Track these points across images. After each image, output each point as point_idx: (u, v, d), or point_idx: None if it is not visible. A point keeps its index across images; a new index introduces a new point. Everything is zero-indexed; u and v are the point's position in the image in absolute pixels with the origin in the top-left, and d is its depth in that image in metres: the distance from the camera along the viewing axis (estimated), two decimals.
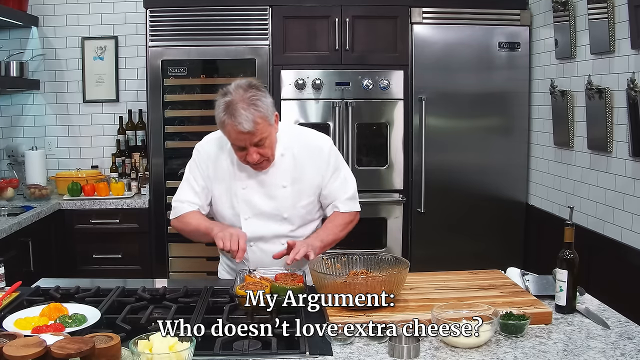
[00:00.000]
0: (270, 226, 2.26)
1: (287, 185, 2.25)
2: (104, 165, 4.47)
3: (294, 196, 2.26)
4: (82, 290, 2.08)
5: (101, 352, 1.39)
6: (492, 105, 3.97)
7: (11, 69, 4.05)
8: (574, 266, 1.90)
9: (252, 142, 2.09)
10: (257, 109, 2.05)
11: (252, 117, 2.03)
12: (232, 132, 2.08)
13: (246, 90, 2.07)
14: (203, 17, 3.87)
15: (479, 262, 2.44)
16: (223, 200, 2.29)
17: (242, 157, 2.16)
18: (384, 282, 1.86)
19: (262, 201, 2.25)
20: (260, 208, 2.25)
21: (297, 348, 1.62)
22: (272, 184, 2.25)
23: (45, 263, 3.63)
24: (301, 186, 2.27)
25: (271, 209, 2.26)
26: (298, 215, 2.29)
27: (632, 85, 2.74)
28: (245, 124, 2.03)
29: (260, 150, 2.13)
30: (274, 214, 2.26)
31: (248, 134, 2.06)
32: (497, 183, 4.02)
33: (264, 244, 2.28)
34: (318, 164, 2.28)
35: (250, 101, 2.05)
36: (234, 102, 2.05)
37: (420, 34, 3.90)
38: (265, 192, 2.25)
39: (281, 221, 2.27)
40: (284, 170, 2.25)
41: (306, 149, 2.29)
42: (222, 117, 2.07)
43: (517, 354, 1.61)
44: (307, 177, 2.27)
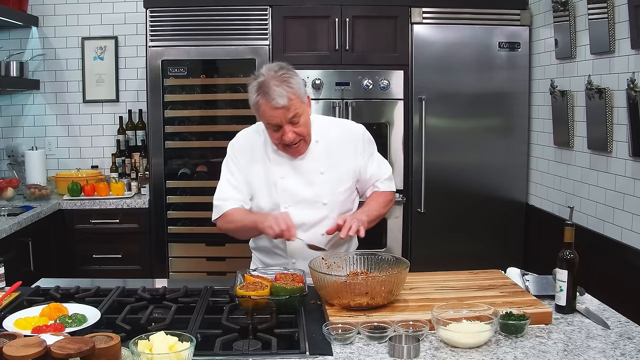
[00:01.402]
0: (311, 213, 2.26)
1: (324, 172, 2.27)
2: (104, 165, 4.47)
3: (332, 182, 2.27)
4: (82, 290, 2.08)
5: (101, 352, 1.39)
6: (492, 105, 3.97)
7: (11, 69, 4.05)
8: (574, 266, 1.90)
9: (287, 119, 2.11)
10: (290, 85, 2.10)
11: (286, 93, 2.07)
12: (267, 109, 2.11)
13: (277, 70, 2.13)
14: (203, 17, 3.87)
15: (479, 262, 2.44)
16: (262, 191, 2.28)
17: (278, 138, 2.17)
18: (384, 282, 1.86)
19: (301, 189, 2.26)
20: (300, 196, 2.26)
21: (297, 348, 1.62)
22: (309, 170, 2.26)
23: (45, 263, 3.63)
24: (338, 172, 2.29)
25: (311, 195, 2.26)
26: (337, 201, 2.29)
27: (632, 85, 2.74)
28: (279, 99, 2.07)
29: (295, 128, 2.14)
30: (314, 200, 2.26)
31: (282, 109, 2.09)
32: (497, 183, 4.02)
33: (303, 234, 2.25)
34: (354, 150, 2.31)
35: (282, 79, 2.10)
36: (267, 81, 2.10)
37: (420, 34, 3.90)
38: (303, 179, 2.26)
39: (321, 208, 2.27)
40: (320, 156, 2.27)
41: (341, 136, 2.32)
42: (256, 98, 2.12)
43: (517, 354, 1.61)
44: (344, 162, 2.29)
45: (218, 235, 3.95)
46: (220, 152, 4.07)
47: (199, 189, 4.02)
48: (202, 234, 4.00)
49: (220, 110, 4.10)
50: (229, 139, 4.03)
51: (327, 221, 2.26)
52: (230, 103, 4.06)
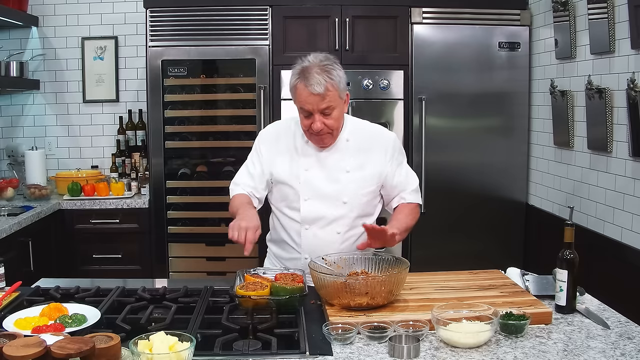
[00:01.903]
0: (329, 210, 2.26)
1: (350, 171, 2.27)
2: (104, 165, 4.47)
3: (357, 182, 2.27)
4: (82, 290, 2.08)
5: (101, 352, 1.39)
6: (492, 105, 3.96)
7: (11, 69, 4.05)
8: (574, 266, 1.90)
9: (320, 108, 2.13)
10: (330, 76, 2.13)
11: (324, 82, 2.11)
12: (303, 93, 2.14)
13: (322, 60, 2.17)
14: (203, 17, 3.87)
15: (479, 262, 2.44)
16: (286, 181, 2.29)
17: (307, 125, 2.19)
18: (384, 282, 1.86)
19: (324, 184, 2.26)
20: (321, 190, 2.26)
21: (297, 348, 1.62)
22: (336, 167, 2.27)
23: (45, 263, 3.63)
24: (364, 173, 2.29)
25: (332, 192, 2.26)
26: (359, 202, 2.29)
27: (632, 85, 2.74)
28: (316, 87, 2.10)
29: (326, 120, 2.16)
30: (335, 197, 2.26)
31: (318, 97, 2.11)
32: (497, 183, 4.02)
33: (318, 230, 2.26)
34: (383, 154, 2.31)
35: (324, 68, 2.14)
36: (309, 67, 2.14)
37: (420, 34, 3.90)
38: (328, 175, 2.27)
39: (341, 206, 2.27)
40: (348, 155, 2.28)
41: (372, 139, 2.33)
42: (295, 81, 2.17)
43: (517, 354, 1.61)
44: (371, 165, 2.29)
45: (218, 235, 4.00)
46: (220, 152, 4.14)
47: (199, 189, 4.02)
48: (202, 234, 4.00)
49: (220, 110, 4.11)
50: (229, 139, 4.09)
51: (345, 220, 2.26)
52: (230, 103, 4.06)
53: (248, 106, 3.96)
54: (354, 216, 2.27)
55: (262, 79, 3.86)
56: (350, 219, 2.27)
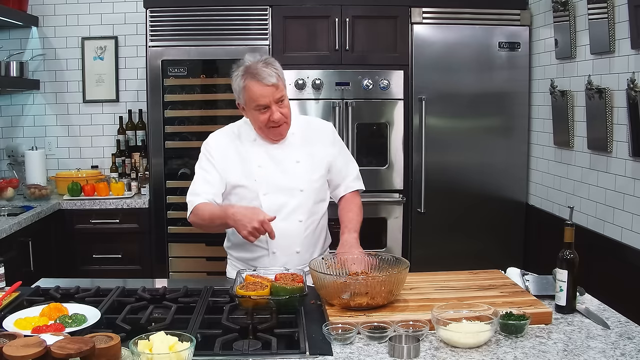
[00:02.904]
0: (288, 200, 2.32)
1: (300, 161, 2.36)
2: (104, 165, 4.47)
3: (308, 170, 2.36)
4: (82, 290, 2.08)
5: (101, 352, 1.39)
6: (492, 105, 3.97)
7: (11, 69, 4.05)
8: (574, 266, 1.90)
9: (276, 98, 2.23)
10: (276, 68, 2.24)
11: (274, 73, 2.21)
12: (257, 89, 2.21)
13: (260, 56, 2.28)
14: (203, 17, 3.87)
15: (479, 262, 2.44)
16: (241, 182, 2.33)
17: (265, 120, 2.25)
18: (384, 282, 1.86)
19: (279, 176, 2.33)
20: (277, 183, 2.32)
21: (297, 348, 1.62)
22: (286, 159, 2.35)
23: (45, 263, 3.63)
24: (313, 161, 2.38)
25: (288, 182, 2.33)
26: (313, 188, 2.37)
27: (632, 85, 2.74)
28: (269, 78, 2.19)
29: (281, 109, 2.25)
30: (291, 187, 2.33)
31: (272, 88, 2.21)
32: (497, 183, 4.02)
33: (281, 222, 2.27)
34: (325, 143, 2.44)
35: (267, 62, 2.24)
36: (253, 65, 2.23)
37: (420, 34, 3.90)
38: (280, 168, 2.34)
39: (298, 195, 2.33)
40: (296, 147, 2.38)
41: (313, 129, 2.46)
42: (244, 82, 2.24)
43: (517, 354, 1.61)
44: (317, 153, 2.40)
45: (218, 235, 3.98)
46: None
47: None
48: (202, 234, 3.98)
49: (220, 110, 4.10)
50: None
51: (304, 208, 2.34)
52: (230, 103, 4.03)
53: None
54: (311, 203, 2.36)
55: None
56: (308, 206, 2.35)
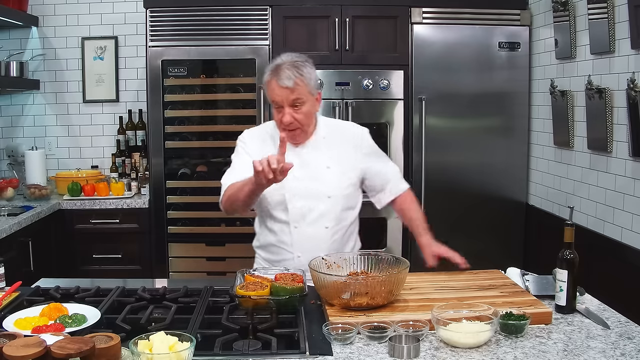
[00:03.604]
0: (316, 205, 2.31)
1: (330, 166, 2.35)
2: (104, 165, 4.47)
3: (338, 176, 2.34)
4: (82, 290, 2.08)
5: (101, 352, 1.39)
6: (492, 105, 3.97)
7: (11, 69, 4.05)
8: (574, 266, 1.90)
9: (289, 100, 2.22)
10: (300, 72, 2.22)
11: (294, 77, 2.20)
12: (274, 87, 2.22)
13: (294, 57, 2.27)
14: (203, 17, 3.87)
15: (479, 262, 2.44)
16: None
17: (279, 119, 2.27)
18: (384, 282, 1.86)
19: (308, 181, 2.32)
20: (305, 188, 2.31)
21: (297, 348, 1.62)
22: (316, 165, 2.34)
23: (45, 263, 3.63)
24: (343, 167, 2.36)
25: (316, 188, 2.32)
26: (342, 195, 2.35)
27: (632, 85, 2.74)
28: (285, 80, 2.19)
29: (295, 113, 2.24)
30: (319, 193, 2.32)
31: (287, 90, 2.20)
32: (497, 183, 4.02)
33: (307, 227, 2.29)
34: (357, 148, 2.41)
35: (294, 64, 2.23)
36: (281, 64, 2.24)
37: (420, 34, 3.90)
38: (309, 173, 2.32)
39: (326, 200, 2.32)
40: (326, 151, 2.36)
41: (346, 134, 2.44)
42: (267, 77, 2.26)
43: (517, 354, 1.61)
44: (349, 159, 2.38)
45: (218, 235, 4.01)
46: (220, 152, 4.14)
47: (199, 189, 4.02)
48: (202, 234, 4.00)
49: (220, 110, 4.11)
50: (229, 139, 4.05)
51: (331, 214, 2.32)
52: (230, 103, 4.06)
53: (248, 106, 3.96)
54: (339, 209, 2.34)
55: (262, 79, 3.85)
56: (336, 212, 2.33)
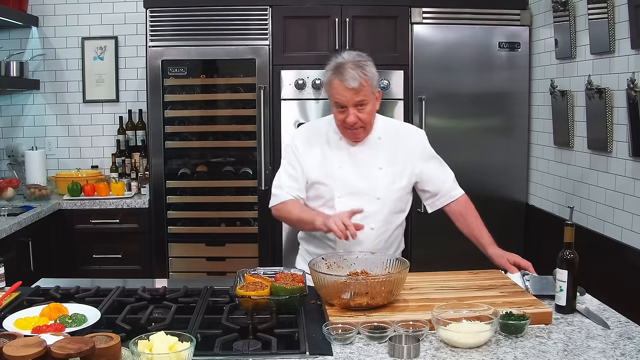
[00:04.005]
0: (363, 206, 2.29)
1: (383, 167, 2.33)
2: (104, 165, 4.47)
3: (389, 178, 2.33)
4: (82, 290, 2.08)
5: (101, 352, 1.39)
6: (492, 105, 3.96)
7: (11, 69, 4.05)
8: (574, 266, 1.90)
9: (354, 102, 2.21)
10: (365, 72, 2.20)
11: (359, 77, 2.18)
12: (338, 88, 2.21)
13: (356, 56, 2.24)
14: (203, 17, 3.87)
15: (479, 262, 2.44)
16: (320, 180, 2.34)
17: (341, 119, 2.25)
18: (384, 282, 1.86)
19: (358, 180, 2.31)
20: (355, 187, 2.31)
21: (297, 348, 1.62)
22: (368, 164, 2.33)
23: (45, 263, 3.63)
24: (396, 169, 2.35)
25: (366, 188, 2.31)
26: (391, 198, 2.34)
27: (632, 85, 2.74)
28: (351, 81, 2.17)
29: (359, 113, 2.23)
30: (368, 193, 2.31)
31: (352, 91, 2.18)
32: (497, 183, 4.01)
33: None
34: (413, 152, 2.40)
35: (358, 64, 2.21)
36: (344, 63, 2.21)
37: (420, 34, 3.90)
38: (361, 172, 2.32)
39: (374, 201, 2.31)
40: (380, 152, 2.35)
41: (403, 136, 2.41)
42: (330, 77, 2.24)
43: (517, 354, 1.61)
44: (402, 161, 2.37)
45: (218, 235, 4.01)
46: (220, 152, 4.15)
47: (199, 189, 4.02)
48: (202, 234, 4.00)
49: (220, 110, 4.11)
50: (229, 139, 4.10)
51: (378, 216, 2.32)
52: (230, 103, 4.06)
53: (248, 106, 3.96)
54: (387, 212, 2.33)
55: (262, 79, 3.86)
56: (384, 214, 2.32)
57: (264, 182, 3.87)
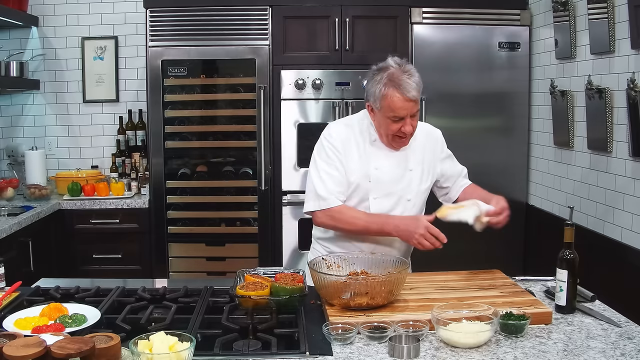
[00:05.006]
0: (395, 207, 2.31)
1: (413, 169, 2.35)
2: (104, 165, 4.47)
3: (418, 179, 2.35)
4: (82, 290, 2.08)
5: (101, 352, 1.39)
6: (492, 105, 3.96)
7: (11, 69, 4.05)
8: (574, 266, 1.90)
9: (413, 111, 2.21)
10: (417, 79, 2.20)
11: (416, 87, 2.18)
12: (398, 101, 2.17)
13: (401, 64, 2.22)
14: (203, 17, 3.87)
15: (479, 262, 2.44)
16: (357, 181, 2.32)
17: (396, 129, 2.23)
18: (384, 282, 1.86)
19: (392, 182, 2.32)
20: (390, 189, 2.31)
21: (297, 348, 1.62)
22: (401, 166, 2.34)
23: (45, 263, 3.63)
24: (423, 170, 2.37)
25: (399, 190, 2.32)
26: (420, 199, 2.37)
27: (632, 85, 2.74)
28: (413, 92, 2.16)
29: (413, 122, 2.24)
30: (401, 195, 2.32)
31: (413, 102, 2.18)
32: (497, 183, 3.99)
33: None
34: (435, 151, 2.42)
35: (411, 73, 2.19)
36: (396, 74, 2.17)
37: (420, 34, 3.90)
38: (395, 173, 2.33)
39: (405, 203, 2.33)
40: (410, 154, 2.36)
41: (425, 136, 2.42)
42: (385, 90, 2.17)
43: (517, 354, 1.61)
44: (427, 162, 2.39)
45: (218, 235, 4.01)
46: (221, 152, 4.15)
47: (199, 189, 4.02)
48: (202, 234, 4.00)
49: (220, 110, 4.11)
50: (229, 139, 4.09)
51: None
52: (230, 103, 4.06)
53: (248, 106, 3.96)
54: (415, 213, 2.35)
55: (262, 79, 3.86)
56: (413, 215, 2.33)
57: (264, 182, 3.87)
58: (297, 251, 3.87)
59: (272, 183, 3.88)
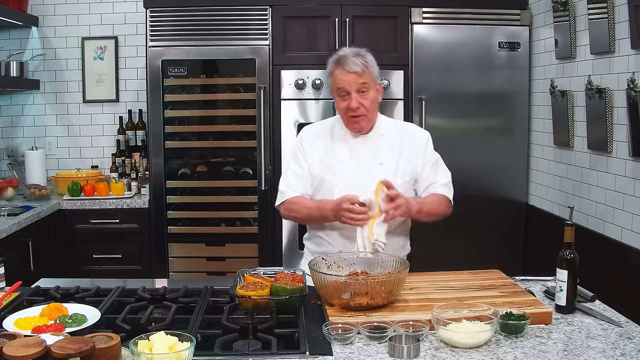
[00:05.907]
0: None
1: (384, 163, 2.36)
2: (104, 165, 4.47)
3: (390, 174, 2.34)
4: (82, 290, 2.08)
5: (101, 352, 1.39)
6: (492, 105, 3.96)
7: (11, 69, 4.05)
8: (574, 266, 1.90)
9: (357, 85, 2.28)
10: (365, 60, 2.30)
11: (360, 63, 2.27)
12: (340, 75, 2.29)
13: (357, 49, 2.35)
14: (203, 17, 3.87)
15: (479, 262, 2.44)
16: (321, 174, 2.39)
17: (345, 107, 2.31)
18: (384, 282, 1.86)
19: (358, 175, 2.34)
20: (355, 181, 2.32)
21: (297, 348, 1.62)
22: (370, 159, 2.37)
23: (45, 263, 3.63)
24: (397, 166, 2.38)
25: (365, 183, 2.30)
26: None
27: (632, 85, 2.74)
28: (353, 66, 2.26)
29: (362, 99, 2.29)
30: (367, 189, 2.29)
31: (354, 75, 2.26)
32: (497, 183, 4.01)
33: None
34: (416, 151, 2.42)
35: (358, 53, 2.31)
36: (345, 54, 2.31)
37: (420, 34, 3.90)
38: (362, 167, 2.36)
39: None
40: (383, 148, 2.38)
41: (407, 135, 2.46)
42: (332, 68, 2.33)
43: (517, 354, 1.61)
44: (404, 159, 2.40)
45: (218, 235, 4.01)
46: (221, 152, 4.15)
47: (199, 189, 4.02)
48: (202, 234, 4.00)
49: (220, 110, 4.11)
50: (229, 139, 4.10)
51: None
52: (230, 103, 4.06)
53: (248, 106, 3.96)
54: None
55: (262, 79, 3.86)
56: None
57: (264, 182, 3.87)
58: (297, 251, 3.87)
59: (272, 183, 3.88)
